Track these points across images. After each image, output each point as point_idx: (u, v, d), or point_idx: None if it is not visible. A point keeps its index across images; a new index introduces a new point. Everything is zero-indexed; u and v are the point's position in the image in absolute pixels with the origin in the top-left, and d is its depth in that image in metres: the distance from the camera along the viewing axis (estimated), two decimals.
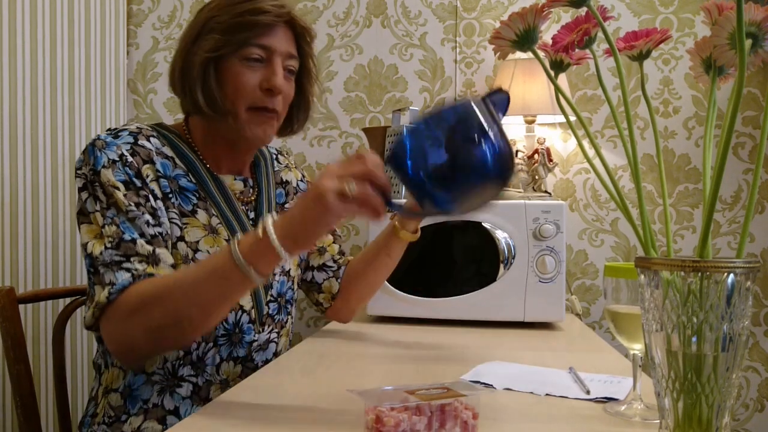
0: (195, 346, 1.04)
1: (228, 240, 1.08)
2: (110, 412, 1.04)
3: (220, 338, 1.06)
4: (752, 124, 1.88)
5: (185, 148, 1.11)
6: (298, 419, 0.75)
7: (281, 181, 1.28)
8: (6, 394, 1.53)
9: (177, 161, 1.09)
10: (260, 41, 1.07)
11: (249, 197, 1.18)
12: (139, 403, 1.03)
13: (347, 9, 2.02)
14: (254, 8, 1.07)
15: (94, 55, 1.86)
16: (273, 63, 1.08)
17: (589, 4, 0.67)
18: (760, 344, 1.88)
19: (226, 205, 1.12)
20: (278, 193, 1.26)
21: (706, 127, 0.66)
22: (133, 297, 0.91)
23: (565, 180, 1.95)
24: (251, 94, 1.07)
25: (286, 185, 1.28)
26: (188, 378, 1.04)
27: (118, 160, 1.00)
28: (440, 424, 0.62)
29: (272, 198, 1.23)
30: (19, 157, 1.58)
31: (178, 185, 1.07)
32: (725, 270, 0.56)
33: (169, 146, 1.10)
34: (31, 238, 1.62)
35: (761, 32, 0.61)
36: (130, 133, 1.05)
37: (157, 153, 1.06)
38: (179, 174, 1.08)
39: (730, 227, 1.89)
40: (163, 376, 1.03)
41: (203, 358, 1.05)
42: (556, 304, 1.43)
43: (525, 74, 1.77)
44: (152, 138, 1.08)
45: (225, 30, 1.07)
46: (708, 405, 0.57)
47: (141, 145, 1.04)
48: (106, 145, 1.01)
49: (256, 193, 1.20)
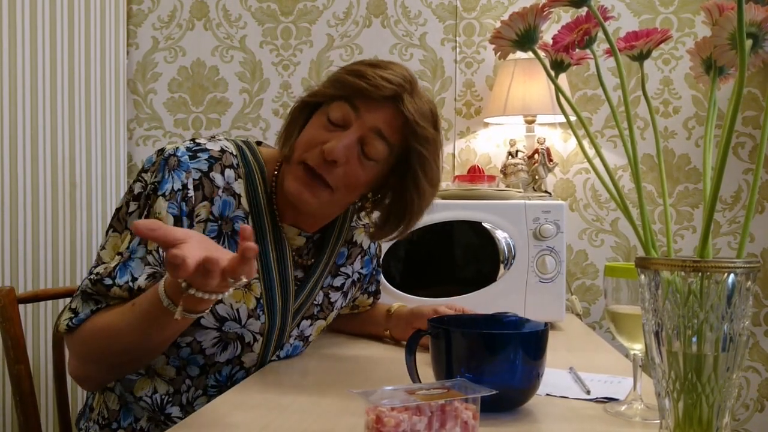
0: (185, 389, 1.01)
1: (259, 298, 1.01)
2: (105, 412, 1.03)
3: (210, 388, 1.02)
4: (752, 124, 1.88)
5: (260, 187, 1.03)
6: (298, 419, 0.75)
7: (351, 239, 1.17)
8: (6, 393, 1.53)
9: (242, 200, 1.00)
10: (350, 101, 0.96)
11: (306, 258, 1.09)
12: (131, 419, 1.01)
13: (347, 9, 2.02)
14: (364, 73, 0.96)
15: (94, 55, 1.86)
16: (349, 130, 0.96)
17: (590, 4, 0.67)
18: (760, 344, 1.88)
19: (275, 261, 1.03)
20: (341, 252, 1.15)
21: (707, 127, 0.66)
22: (85, 331, 0.92)
23: (565, 180, 1.94)
24: (308, 151, 0.97)
25: (353, 246, 1.17)
26: (175, 418, 1.00)
27: (180, 190, 0.94)
28: (440, 424, 0.62)
29: (333, 257, 1.13)
30: (19, 157, 1.58)
31: (233, 228, 0.99)
32: (725, 270, 0.56)
33: (243, 180, 1.01)
34: (31, 238, 1.62)
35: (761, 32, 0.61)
36: (209, 157, 0.98)
37: (225, 189, 0.98)
38: (238, 216, 0.99)
39: (730, 227, 1.89)
40: (150, 405, 1.00)
41: (192, 403, 1.01)
42: (556, 304, 1.43)
43: (525, 74, 1.77)
44: (228, 169, 0.99)
45: (331, 82, 1.00)
46: (708, 405, 0.57)
47: (211, 179, 0.97)
48: (179, 165, 0.95)
49: (315, 253, 1.10)
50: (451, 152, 1.99)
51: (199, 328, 0.97)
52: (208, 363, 1.00)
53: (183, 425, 0.72)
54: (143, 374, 1.01)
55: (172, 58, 2.09)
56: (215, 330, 0.98)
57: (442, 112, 1.98)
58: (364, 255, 1.20)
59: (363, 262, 1.20)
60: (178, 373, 1.01)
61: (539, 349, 0.78)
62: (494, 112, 1.81)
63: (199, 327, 0.97)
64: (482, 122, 1.97)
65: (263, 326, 1.02)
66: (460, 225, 1.46)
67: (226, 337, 0.99)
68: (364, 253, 1.20)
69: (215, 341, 0.98)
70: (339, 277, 1.15)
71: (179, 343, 0.98)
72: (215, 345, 0.99)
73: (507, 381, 0.76)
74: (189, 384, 1.01)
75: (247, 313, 1.00)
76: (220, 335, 0.98)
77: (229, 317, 0.98)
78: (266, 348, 1.04)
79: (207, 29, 2.08)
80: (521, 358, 0.76)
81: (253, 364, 1.04)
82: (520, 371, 0.77)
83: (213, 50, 2.08)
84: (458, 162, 1.98)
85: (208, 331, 0.97)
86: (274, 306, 1.03)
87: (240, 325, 0.99)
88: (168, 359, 1.00)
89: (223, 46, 2.07)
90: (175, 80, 2.09)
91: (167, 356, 0.99)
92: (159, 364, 1.00)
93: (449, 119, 1.99)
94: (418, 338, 0.80)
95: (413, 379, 0.80)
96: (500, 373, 0.76)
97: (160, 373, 1.01)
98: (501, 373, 0.76)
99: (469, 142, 1.98)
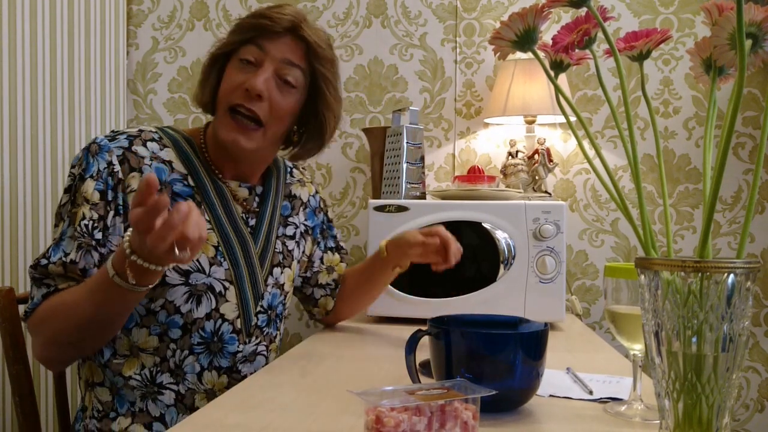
0: (170, 354, 1.04)
1: (217, 246, 1.08)
2: (98, 406, 1.05)
3: (196, 346, 1.05)
4: (752, 125, 1.88)
5: (190, 152, 1.11)
6: (298, 419, 0.75)
7: (290, 194, 1.27)
8: (5, 393, 1.53)
9: (175, 165, 1.08)
10: (256, 42, 1.06)
11: (253, 205, 1.17)
12: (127, 405, 1.04)
13: (347, 9, 2.02)
14: (262, 13, 1.07)
15: (94, 55, 1.86)
16: (262, 66, 1.06)
17: (589, 5, 0.67)
18: (760, 344, 1.88)
19: (223, 211, 1.11)
20: (284, 205, 1.25)
21: (706, 127, 0.66)
22: (39, 312, 0.96)
23: (565, 180, 1.94)
24: (232, 94, 1.06)
25: (294, 199, 1.27)
26: (169, 386, 1.04)
27: (106, 168, 1.00)
28: (440, 425, 0.62)
29: (277, 209, 1.22)
30: (19, 157, 1.58)
31: (172, 191, 1.06)
32: (725, 270, 0.56)
33: (172, 149, 1.09)
34: (31, 238, 1.62)
35: (761, 33, 0.61)
36: (128, 137, 1.05)
37: (152, 158, 1.05)
38: (175, 179, 1.07)
39: (730, 227, 1.89)
40: (141, 381, 1.03)
41: (181, 366, 1.05)
42: (556, 305, 1.43)
43: (525, 74, 1.77)
44: (150, 142, 1.07)
45: (233, 31, 1.09)
46: (708, 405, 0.57)
47: (134, 152, 1.04)
48: (100, 149, 1.02)
49: (260, 202, 1.19)
50: (451, 152, 1.99)
51: (167, 287, 1.02)
52: (187, 321, 1.04)
53: (183, 425, 0.72)
54: (128, 355, 1.04)
55: (172, 59, 2.09)
56: (183, 285, 1.03)
57: (442, 113, 1.98)
58: (305, 207, 1.30)
59: (306, 214, 1.30)
60: (161, 340, 1.04)
61: (539, 349, 0.78)
62: (494, 113, 1.81)
63: (167, 286, 1.02)
64: (482, 122, 1.97)
65: (228, 273, 1.08)
66: (460, 225, 1.46)
67: (195, 290, 1.04)
68: (305, 206, 1.30)
69: (186, 296, 1.03)
70: (289, 227, 1.25)
71: (153, 308, 1.03)
72: (188, 300, 1.03)
73: (507, 381, 0.76)
74: (174, 348, 1.04)
75: (208, 262, 1.06)
76: (189, 289, 1.03)
77: (192, 269, 1.04)
78: (243, 297, 1.09)
79: (207, 29, 2.08)
80: (521, 359, 0.76)
81: (236, 315, 1.08)
82: (520, 371, 0.77)
83: None
84: (458, 162, 1.98)
85: (177, 287, 1.02)
86: (234, 251, 1.10)
87: (205, 275, 1.05)
88: (149, 330, 1.03)
89: None
90: (175, 80, 2.09)
91: (147, 327, 1.03)
92: (141, 339, 1.03)
93: (449, 119, 1.99)
94: (418, 338, 0.80)
95: (413, 379, 0.80)
96: (500, 373, 0.76)
97: (144, 348, 1.04)
98: (501, 373, 0.76)
99: (469, 142, 1.98)
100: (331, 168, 2.02)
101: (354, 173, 2.02)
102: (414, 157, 1.65)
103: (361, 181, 2.02)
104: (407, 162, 1.63)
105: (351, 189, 2.02)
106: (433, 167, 1.99)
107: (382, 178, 1.69)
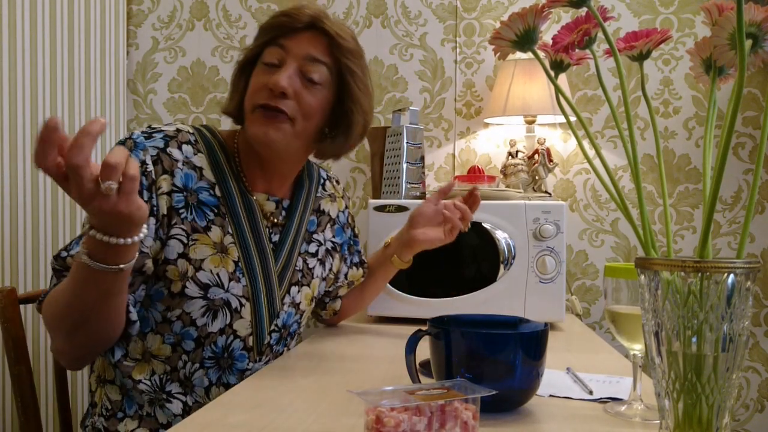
0: (181, 365, 1.03)
1: (237, 261, 1.06)
2: (107, 404, 1.04)
3: (206, 360, 1.04)
4: (752, 125, 1.88)
5: (222, 159, 1.08)
6: (298, 419, 0.75)
7: (318, 208, 1.24)
8: (7, 394, 1.53)
9: (205, 173, 1.05)
10: (277, 42, 1.06)
11: (279, 219, 1.14)
12: (135, 407, 1.04)
13: (347, 9, 2.02)
14: (282, 12, 1.07)
15: (94, 55, 1.86)
16: (285, 64, 1.05)
17: (589, 5, 0.67)
18: (760, 344, 1.88)
19: (249, 225, 1.08)
20: (311, 220, 1.22)
21: (706, 127, 0.66)
22: (45, 301, 0.94)
23: (565, 180, 1.94)
24: (256, 95, 1.05)
25: (321, 215, 1.24)
26: (177, 395, 1.03)
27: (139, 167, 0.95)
28: (440, 425, 0.62)
29: (303, 223, 1.19)
30: (19, 157, 1.58)
31: (198, 199, 1.03)
32: (725, 270, 0.56)
33: (205, 155, 1.06)
34: (31, 238, 1.62)
35: (761, 33, 0.61)
36: (164, 136, 1.03)
37: (184, 163, 1.03)
38: (202, 187, 1.04)
39: (730, 227, 1.89)
40: (150, 387, 1.02)
41: (191, 378, 1.04)
42: (556, 305, 1.43)
43: (525, 74, 1.77)
44: (186, 145, 1.04)
45: (256, 36, 1.10)
46: (708, 405, 0.57)
47: (168, 153, 1.01)
48: (135, 146, 1.00)
49: (287, 216, 1.16)
50: (451, 152, 1.99)
51: (185, 299, 1.01)
52: (201, 335, 1.03)
53: (183, 425, 0.72)
54: (140, 359, 1.03)
55: (172, 59, 2.09)
56: (201, 298, 1.01)
57: (442, 113, 1.98)
58: (334, 224, 1.27)
59: (334, 230, 1.27)
60: (173, 350, 1.03)
61: (539, 349, 0.78)
62: (494, 113, 1.81)
63: (185, 297, 1.01)
64: (482, 122, 1.97)
65: (246, 289, 1.06)
66: None
67: (213, 305, 1.03)
68: (333, 222, 1.27)
69: (203, 310, 1.02)
70: (312, 244, 1.22)
71: (170, 317, 1.01)
72: (204, 314, 1.02)
73: (507, 381, 0.76)
74: (185, 359, 1.04)
75: (227, 276, 1.04)
76: (207, 303, 1.02)
77: (212, 283, 1.02)
78: (258, 315, 1.07)
79: (207, 29, 2.08)
80: (521, 359, 0.76)
81: (248, 333, 1.06)
82: (520, 371, 0.77)
83: (213, 50, 2.08)
84: (458, 162, 1.98)
85: (195, 300, 1.01)
86: (253, 268, 1.08)
87: (224, 290, 1.03)
88: (163, 338, 1.03)
89: (223, 47, 2.08)
90: (175, 80, 2.09)
91: (162, 335, 1.02)
92: (155, 346, 1.03)
93: (449, 119, 1.99)
94: (418, 338, 0.80)
95: (413, 379, 0.80)
96: (500, 373, 0.76)
97: (156, 355, 1.03)
98: (501, 373, 0.76)
99: (469, 142, 1.99)
100: (331, 168, 2.02)
101: (354, 173, 2.02)
102: (414, 157, 1.65)
103: (361, 181, 2.02)
104: (407, 162, 1.63)
105: (351, 189, 2.02)
106: (433, 167, 1.99)
107: (382, 178, 1.70)
